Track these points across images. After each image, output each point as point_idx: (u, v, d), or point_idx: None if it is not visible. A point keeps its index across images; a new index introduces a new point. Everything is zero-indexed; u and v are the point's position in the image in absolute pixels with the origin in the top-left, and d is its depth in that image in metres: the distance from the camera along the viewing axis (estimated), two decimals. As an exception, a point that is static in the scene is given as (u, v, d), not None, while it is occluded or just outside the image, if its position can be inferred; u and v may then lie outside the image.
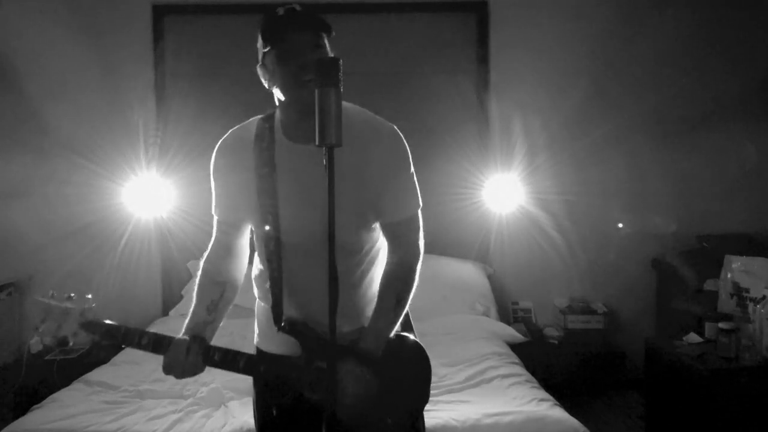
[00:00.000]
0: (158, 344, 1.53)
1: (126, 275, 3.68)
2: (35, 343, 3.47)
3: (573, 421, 2.15)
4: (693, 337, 2.88)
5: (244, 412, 2.27)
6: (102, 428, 2.17)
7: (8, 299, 3.58)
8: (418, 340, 1.58)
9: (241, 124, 1.58)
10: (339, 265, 1.29)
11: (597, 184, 3.78)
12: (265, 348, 1.64)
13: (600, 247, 3.81)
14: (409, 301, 1.54)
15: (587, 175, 3.77)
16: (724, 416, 2.60)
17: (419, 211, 1.54)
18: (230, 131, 1.59)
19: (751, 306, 2.85)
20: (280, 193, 1.47)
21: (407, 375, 1.54)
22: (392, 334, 1.53)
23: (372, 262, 1.57)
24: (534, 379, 2.57)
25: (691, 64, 3.77)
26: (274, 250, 1.50)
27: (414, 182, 1.52)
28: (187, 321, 1.58)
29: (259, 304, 1.68)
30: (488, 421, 2.13)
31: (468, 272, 3.62)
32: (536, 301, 3.84)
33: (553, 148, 3.73)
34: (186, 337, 1.53)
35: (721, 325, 2.73)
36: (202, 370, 1.53)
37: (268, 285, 1.54)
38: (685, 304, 3.38)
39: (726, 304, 3.03)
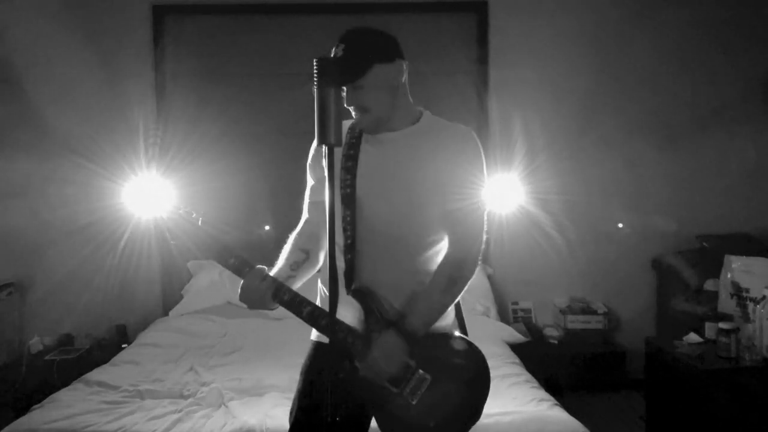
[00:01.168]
0: (241, 266, 1.63)
1: (126, 275, 3.69)
2: (35, 343, 3.47)
3: (573, 422, 2.15)
4: (693, 337, 2.88)
5: (244, 412, 2.27)
6: (102, 428, 2.17)
7: (8, 299, 3.58)
8: (478, 348, 1.61)
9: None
10: (402, 252, 1.53)
11: (597, 184, 3.78)
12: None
13: (600, 247, 3.81)
14: (460, 292, 1.59)
15: (587, 175, 3.77)
16: (724, 416, 2.59)
17: (484, 212, 1.60)
18: None
19: (751, 306, 2.85)
20: (359, 174, 1.58)
21: (458, 382, 1.57)
22: (458, 336, 1.61)
23: (435, 256, 1.62)
24: (534, 379, 2.56)
25: (692, 64, 3.77)
26: (349, 222, 1.58)
27: (483, 180, 1.59)
28: (272, 271, 1.67)
29: (323, 281, 1.73)
30: (488, 421, 2.12)
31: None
32: (536, 301, 3.84)
33: (553, 148, 3.73)
34: (264, 267, 1.63)
35: (721, 325, 2.72)
36: (271, 305, 1.60)
37: (343, 251, 1.60)
38: (685, 304, 3.38)
39: (726, 304, 3.03)
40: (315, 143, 1.66)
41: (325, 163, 1.20)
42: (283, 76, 3.58)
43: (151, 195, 3.62)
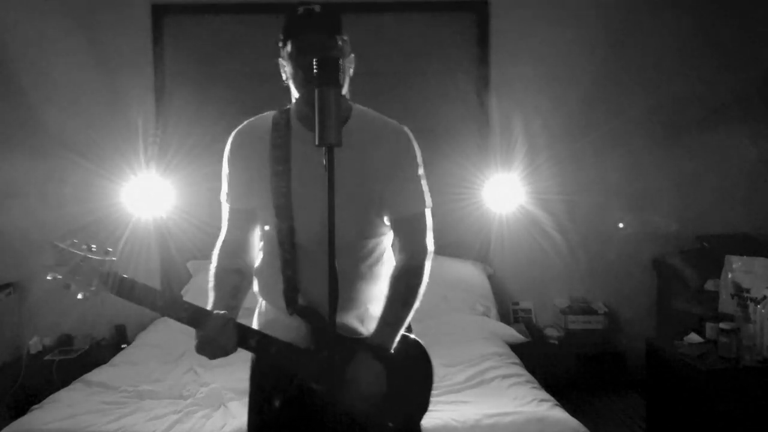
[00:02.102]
0: (196, 317, 1.44)
1: (125, 275, 3.67)
2: (35, 343, 3.47)
3: (573, 422, 2.14)
4: (693, 338, 2.88)
5: (244, 413, 2.26)
6: (101, 428, 2.17)
7: (8, 299, 3.57)
8: (419, 340, 1.57)
9: (257, 116, 1.63)
10: (342, 257, 1.30)
11: (597, 184, 3.78)
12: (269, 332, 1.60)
13: (600, 247, 3.81)
14: (417, 302, 1.54)
15: (587, 175, 3.77)
16: (724, 416, 2.59)
17: (427, 211, 1.56)
18: (246, 121, 1.64)
19: (751, 306, 2.85)
20: (293, 177, 1.48)
21: (410, 377, 1.53)
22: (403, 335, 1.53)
23: (378, 260, 1.58)
24: (534, 380, 2.56)
25: (692, 64, 3.77)
26: (286, 234, 1.49)
27: (422, 181, 1.55)
28: (211, 307, 1.52)
29: (265, 297, 1.64)
30: (488, 421, 2.12)
31: (468, 272, 3.61)
32: (536, 301, 3.84)
33: (553, 147, 3.73)
34: (223, 312, 1.46)
35: (721, 325, 2.72)
36: (233, 351, 1.45)
37: (280, 269, 1.51)
38: (686, 304, 3.38)
39: (726, 304, 3.03)
40: (233, 134, 1.61)
41: (325, 162, 1.18)
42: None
43: (150, 195, 3.62)
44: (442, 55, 3.73)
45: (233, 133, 1.63)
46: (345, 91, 1.51)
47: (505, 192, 3.68)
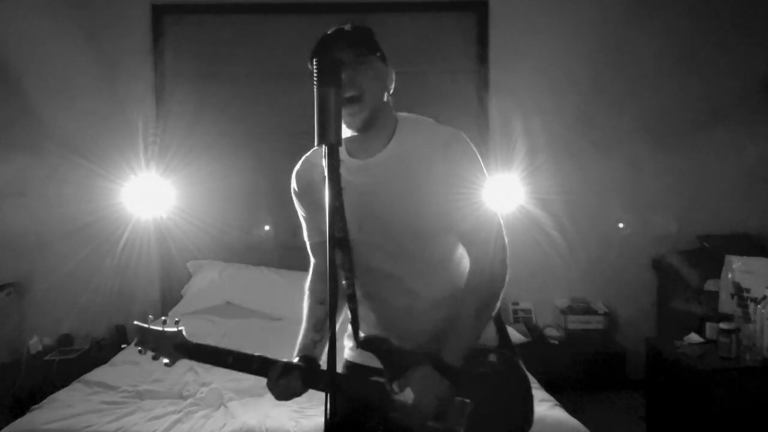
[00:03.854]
0: (263, 369, 1.49)
1: (125, 275, 3.68)
2: (35, 343, 3.47)
3: (573, 422, 2.14)
4: (694, 338, 2.88)
5: (244, 413, 2.27)
6: (101, 428, 2.17)
7: (8, 299, 3.57)
8: (514, 358, 1.53)
9: (312, 150, 1.59)
10: (414, 277, 1.42)
11: (597, 184, 3.78)
12: (352, 360, 1.63)
13: (600, 247, 3.81)
14: (494, 310, 1.50)
15: (587, 175, 3.77)
16: (724, 416, 2.59)
17: (498, 217, 1.52)
18: (304, 157, 1.62)
19: (751, 306, 2.84)
20: (347, 209, 1.45)
21: (502, 395, 1.48)
22: (494, 349, 1.51)
23: (450, 275, 1.53)
24: (534, 380, 2.55)
25: (692, 64, 3.77)
26: (347, 267, 1.49)
27: (486, 184, 1.51)
28: (299, 340, 1.58)
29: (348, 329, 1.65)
30: (488, 421, 2.12)
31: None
32: (536, 301, 3.84)
33: (553, 148, 3.73)
34: (294, 361, 1.51)
35: (721, 325, 2.72)
36: (300, 393, 1.48)
37: (346, 301, 1.52)
38: (686, 304, 3.38)
39: (726, 304, 3.03)
40: (294, 174, 1.59)
41: (324, 163, 1.18)
42: (283, 75, 3.58)
43: (150, 195, 3.62)
44: (441, 55, 3.73)
45: (294, 173, 1.62)
46: (385, 99, 1.50)
47: (504, 192, 3.68)
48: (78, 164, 3.59)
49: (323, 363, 1.41)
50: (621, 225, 3.84)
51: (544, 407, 2.25)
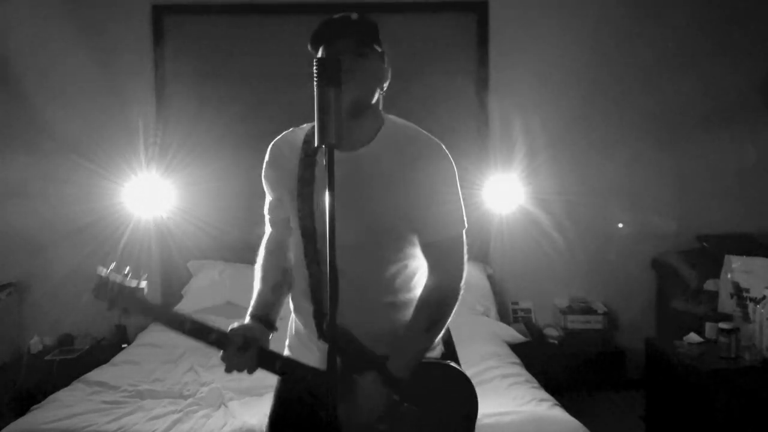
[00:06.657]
0: (221, 341, 1.47)
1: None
2: (35, 343, 3.47)
3: (573, 422, 2.15)
4: (693, 337, 2.88)
5: (244, 412, 2.28)
6: (102, 428, 2.17)
7: (8, 299, 3.58)
8: (463, 371, 1.53)
9: (294, 129, 1.59)
10: (366, 275, 1.36)
11: (597, 184, 3.78)
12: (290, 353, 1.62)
13: (600, 247, 3.81)
14: (443, 327, 1.50)
15: (587, 175, 3.77)
16: (724, 416, 2.59)
17: (464, 232, 1.49)
18: (283, 133, 1.61)
19: (751, 306, 2.85)
20: (318, 198, 1.44)
21: (446, 409, 1.49)
22: (435, 361, 1.51)
23: (407, 282, 1.51)
24: (534, 379, 2.56)
25: (691, 63, 3.77)
26: (313, 255, 1.46)
27: (459, 201, 1.48)
28: (253, 301, 1.57)
29: (296, 315, 1.62)
30: (488, 421, 2.12)
31: (468, 272, 3.60)
32: (536, 301, 3.84)
33: (553, 148, 3.73)
34: (250, 324, 1.51)
35: (721, 325, 2.72)
36: (252, 372, 1.50)
37: (308, 291, 1.49)
38: (685, 304, 3.38)
39: (726, 304, 3.03)
40: (270, 146, 1.59)
41: (324, 163, 1.18)
42: (283, 75, 3.57)
43: (150, 195, 3.63)
44: (441, 55, 3.73)
45: (270, 145, 1.61)
46: (375, 100, 1.47)
47: (504, 192, 3.68)
48: (78, 164, 3.59)
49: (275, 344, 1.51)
50: (620, 225, 3.84)
51: (544, 407, 2.25)
